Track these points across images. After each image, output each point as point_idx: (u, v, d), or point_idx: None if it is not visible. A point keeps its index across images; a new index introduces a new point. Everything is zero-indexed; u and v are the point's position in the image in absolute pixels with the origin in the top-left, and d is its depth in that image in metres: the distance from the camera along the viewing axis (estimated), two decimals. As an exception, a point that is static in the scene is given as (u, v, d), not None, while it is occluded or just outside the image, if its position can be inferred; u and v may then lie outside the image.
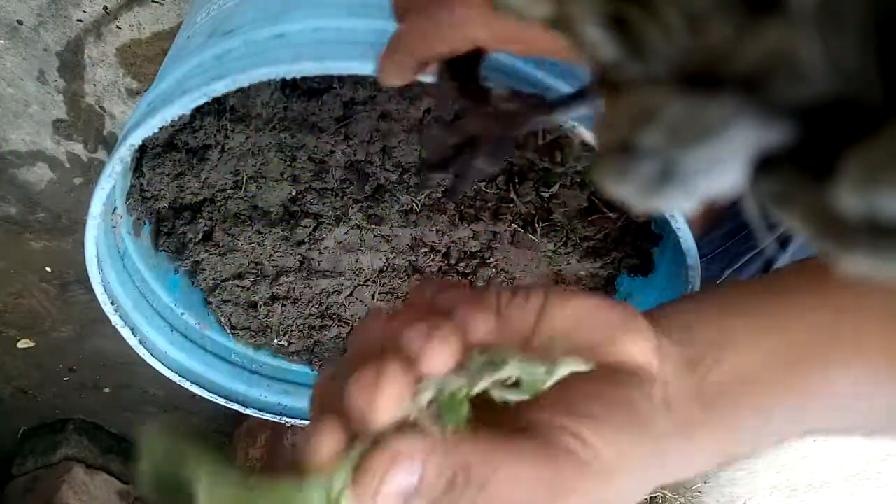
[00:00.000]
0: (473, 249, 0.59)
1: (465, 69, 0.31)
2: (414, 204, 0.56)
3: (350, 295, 0.63)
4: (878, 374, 0.29)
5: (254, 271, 0.60)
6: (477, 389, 0.25)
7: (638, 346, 0.27)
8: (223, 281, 0.60)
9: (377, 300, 0.64)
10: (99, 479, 1.58)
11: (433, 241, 0.59)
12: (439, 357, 0.24)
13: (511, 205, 0.55)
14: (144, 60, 0.82)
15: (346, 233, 0.58)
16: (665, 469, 0.27)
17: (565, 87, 0.38)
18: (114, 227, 0.49)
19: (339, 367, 0.26)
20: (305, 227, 0.56)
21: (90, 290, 0.46)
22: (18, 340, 1.34)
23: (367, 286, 0.62)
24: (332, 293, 0.63)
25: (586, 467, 0.25)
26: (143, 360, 0.54)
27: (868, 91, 0.11)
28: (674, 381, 0.28)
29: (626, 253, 0.58)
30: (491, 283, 0.61)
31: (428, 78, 0.32)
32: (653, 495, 1.31)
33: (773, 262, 0.67)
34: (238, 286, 0.61)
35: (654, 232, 0.56)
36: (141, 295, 0.54)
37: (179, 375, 0.57)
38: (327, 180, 0.54)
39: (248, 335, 0.64)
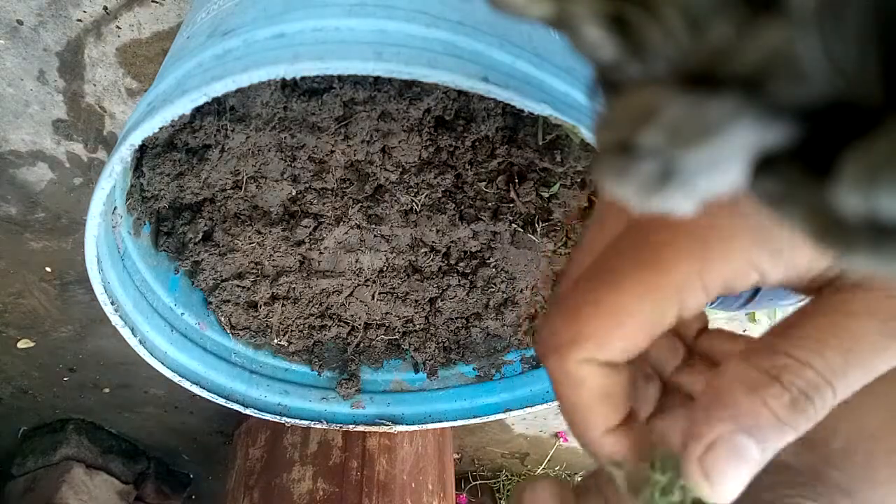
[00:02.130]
0: (473, 249, 0.59)
1: None
2: (414, 204, 0.56)
3: (350, 295, 0.63)
4: None
5: (254, 271, 0.60)
6: None
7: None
8: (223, 281, 0.60)
9: (377, 300, 0.64)
10: (99, 479, 1.58)
11: (433, 241, 0.58)
12: None
13: (511, 205, 0.55)
14: (144, 60, 0.82)
15: (346, 233, 0.58)
16: None
17: (564, 87, 0.38)
18: (114, 227, 0.49)
19: None
20: (305, 227, 0.56)
21: (90, 290, 0.46)
22: (18, 340, 1.34)
23: (367, 286, 0.62)
24: (332, 293, 0.63)
25: None
26: (143, 360, 0.54)
27: (868, 91, 0.11)
28: (795, 458, 0.25)
29: (626, 253, 0.58)
30: (492, 282, 0.61)
31: None
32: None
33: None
34: (238, 286, 0.60)
35: (654, 232, 0.56)
36: (141, 295, 0.54)
37: (179, 375, 0.57)
38: (327, 180, 0.54)
39: (248, 335, 0.64)
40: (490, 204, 0.56)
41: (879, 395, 0.29)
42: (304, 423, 0.65)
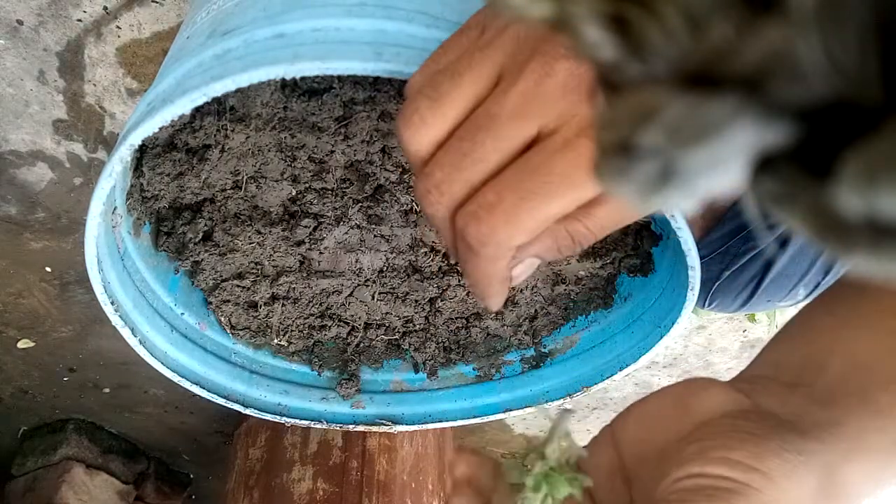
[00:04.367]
0: (473, 249, 0.59)
1: None
2: (414, 204, 0.56)
3: (350, 295, 0.63)
4: None
5: (254, 271, 0.60)
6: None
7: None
8: (223, 281, 0.60)
9: (377, 300, 0.64)
10: (99, 479, 1.58)
11: (433, 241, 0.59)
12: None
13: (511, 205, 0.55)
14: (144, 60, 0.82)
15: (346, 233, 0.58)
16: (839, 480, 0.28)
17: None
18: (114, 227, 0.49)
19: None
20: (305, 227, 0.56)
21: (90, 290, 0.46)
22: (18, 340, 1.34)
23: (367, 286, 0.62)
24: (332, 293, 0.63)
25: (745, 493, 0.26)
26: (143, 360, 0.54)
27: (867, 91, 0.11)
28: (780, 407, 0.29)
29: (626, 253, 0.58)
30: None
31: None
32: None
33: (772, 263, 0.67)
34: (238, 286, 0.61)
35: (654, 232, 0.56)
36: (141, 295, 0.54)
37: (179, 375, 0.57)
38: (327, 180, 0.54)
39: (248, 335, 0.64)
40: (490, 204, 0.56)
41: (870, 329, 0.31)
42: (304, 423, 0.65)
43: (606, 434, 0.33)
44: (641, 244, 0.57)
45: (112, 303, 0.48)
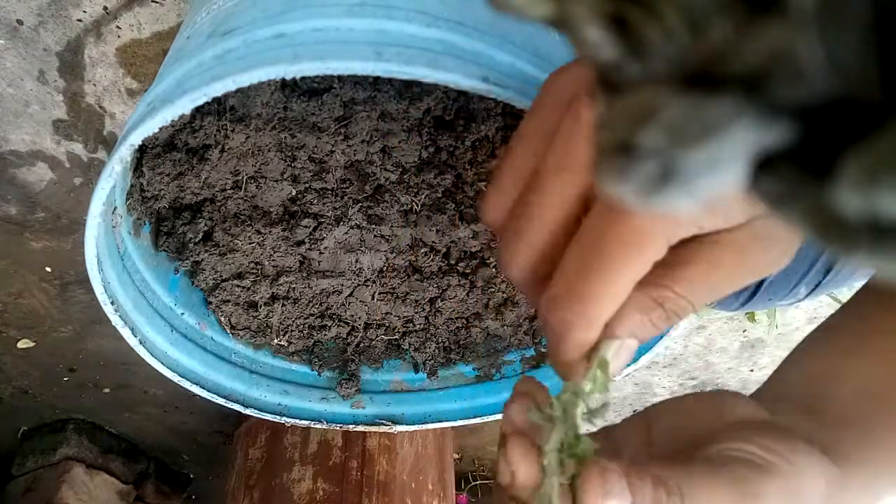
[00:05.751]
0: (473, 249, 0.59)
1: None
2: (414, 204, 0.56)
3: (350, 295, 0.63)
4: None
5: (254, 271, 0.60)
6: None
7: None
8: (223, 281, 0.60)
9: (377, 300, 0.64)
10: (99, 479, 1.58)
11: (433, 241, 0.59)
12: None
13: (511, 205, 0.55)
14: (144, 60, 0.82)
15: (346, 233, 0.58)
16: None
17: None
18: (114, 227, 0.49)
19: None
20: (305, 227, 0.56)
21: (90, 290, 0.46)
22: (18, 340, 1.34)
23: (367, 286, 0.62)
24: (332, 293, 0.63)
25: (774, 469, 0.28)
26: (143, 360, 0.54)
27: (868, 91, 0.11)
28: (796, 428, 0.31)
29: (626, 253, 0.57)
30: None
31: None
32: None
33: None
34: (238, 286, 0.61)
35: (654, 232, 0.56)
36: (141, 295, 0.54)
37: (179, 375, 0.57)
38: (327, 180, 0.54)
39: (248, 335, 0.64)
40: (490, 204, 0.55)
41: (882, 356, 0.32)
42: (304, 423, 0.65)
43: (638, 417, 0.33)
44: (641, 244, 0.56)
45: (112, 303, 0.48)
